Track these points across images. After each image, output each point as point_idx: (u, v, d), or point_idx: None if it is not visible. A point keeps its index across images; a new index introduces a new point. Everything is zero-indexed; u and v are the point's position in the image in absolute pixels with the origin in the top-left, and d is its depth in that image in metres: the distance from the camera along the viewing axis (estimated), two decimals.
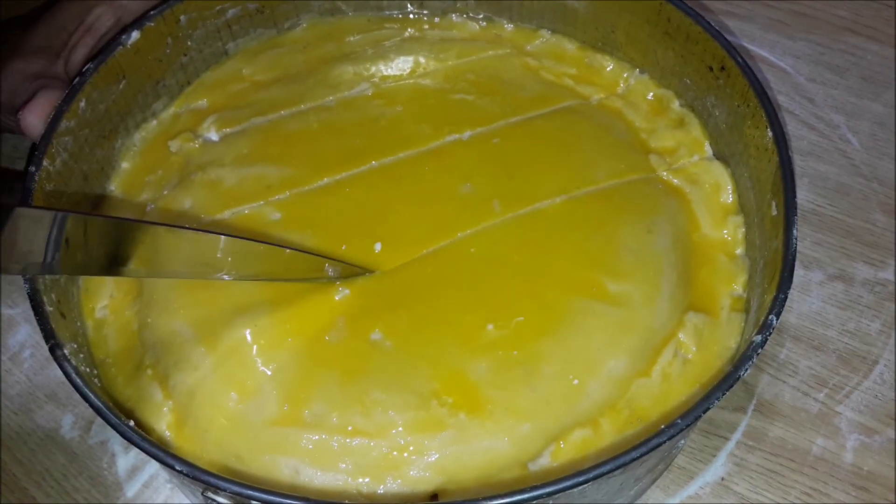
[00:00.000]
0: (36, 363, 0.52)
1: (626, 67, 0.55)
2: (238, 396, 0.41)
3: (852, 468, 0.47)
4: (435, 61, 0.56)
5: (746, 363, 0.38)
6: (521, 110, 0.52)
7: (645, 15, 0.52)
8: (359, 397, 0.41)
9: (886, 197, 0.57)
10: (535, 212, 0.47)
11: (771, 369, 0.51)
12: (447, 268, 0.45)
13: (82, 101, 0.47)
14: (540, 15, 0.57)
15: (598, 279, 0.45)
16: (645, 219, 0.47)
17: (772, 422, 0.49)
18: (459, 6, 0.58)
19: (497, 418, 0.41)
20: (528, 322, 0.43)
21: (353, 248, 0.46)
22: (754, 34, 0.66)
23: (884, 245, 0.55)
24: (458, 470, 0.40)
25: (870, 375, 0.50)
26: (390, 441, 0.40)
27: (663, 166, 0.51)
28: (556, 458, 0.41)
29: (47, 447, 0.49)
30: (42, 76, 0.47)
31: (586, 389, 0.42)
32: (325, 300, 0.44)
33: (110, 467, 0.48)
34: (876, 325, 0.52)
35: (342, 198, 0.48)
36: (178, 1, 0.51)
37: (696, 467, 0.48)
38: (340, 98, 0.53)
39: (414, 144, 0.50)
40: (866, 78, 0.63)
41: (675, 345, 0.44)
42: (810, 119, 0.62)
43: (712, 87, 0.50)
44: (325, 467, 0.40)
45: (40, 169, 0.44)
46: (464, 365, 0.42)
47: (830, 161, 0.59)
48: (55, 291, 0.43)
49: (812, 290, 0.54)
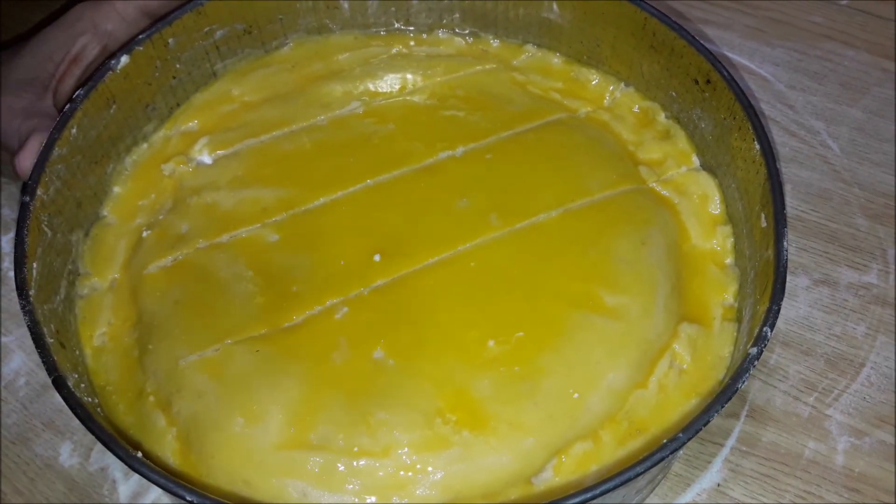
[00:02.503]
0: (32, 391, 0.52)
1: (611, 81, 0.56)
2: (244, 421, 0.41)
3: (844, 470, 0.49)
4: (423, 78, 0.56)
5: (743, 375, 0.38)
6: (511, 125, 0.53)
7: (629, 29, 0.53)
8: (364, 418, 0.41)
9: (867, 201, 0.59)
10: (533, 225, 0.48)
11: (762, 375, 0.52)
12: (447, 282, 0.46)
13: (73, 128, 0.46)
14: (525, 30, 0.58)
15: (596, 292, 0.45)
16: (639, 230, 0.48)
17: (764, 427, 0.50)
18: (445, 22, 0.58)
19: (501, 434, 0.41)
20: (529, 337, 0.44)
21: (351, 261, 0.46)
22: (734, 42, 0.68)
23: (866, 249, 0.57)
24: (464, 487, 0.41)
25: (857, 378, 0.52)
26: (396, 461, 0.41)
27: (652, 178, 0.52)
28: (559, 471, 0.42)
29: (47, 476, 0.49)
30: (31, 112, 0.47)
31: (587, 403, 0.43)
32: (326, 320, 0.44)
33: (111, 494, 0.48)
34: (861, 328, 0.54)
35: (339, 217, 0.48)
36: (167, 24, 0.51)
37: (692, 474, 0.49)
38: (332, 117, 0.53)
39: (408, 162, 0.51)
40: (844, 84, 0.65)
41: (670, 356, 0.45)
42: (791, 126, 0.63)
43: (698, 99, 0.51)
44: (332, 489, 0.40)
45: (34, 198, 0.44)
46: (467, 382, 0.42)
47: (812, 167, 0.61)
48: (54, 321, 0.43)
49: (799, 296, 0.55)
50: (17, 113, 0.47)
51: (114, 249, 0.49)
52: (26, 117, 0.47)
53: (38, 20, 0.57)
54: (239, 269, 0.47)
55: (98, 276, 0.48)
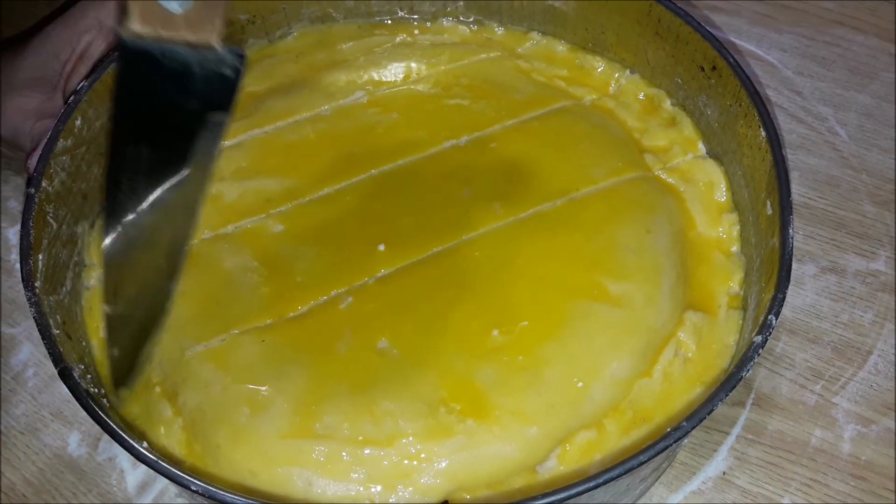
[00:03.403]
0: (40, 381, 0.52)
1: (616, 68, 0.56)
2: (250, 411, 0.41)
3: (850, 458, 0.49)
4: (427, 66, 0.56)
5: (748, 364, 0.38)
6: (515, 113, 0.53)
7: (635, 16, 0.52)
8: (368, 407, 0.41)
9: (875, 188, 0.58)
10: (537, 214, 0.48)
11: (768, 363, 0.52)
12: (451, 272, 0.46)
13: (78, 119, 0.47)
14: (530, 17, 0.57)
15: (600, 281, 0.45)
16: (644, 218, 0.48)
17: (770, 415, 0.50)
18: (449, 10, 0.58)
19: (504, 424, 0.41)
20: (533, 326, 0.44)
21: (355, 251, 0.46)
22: (741, 28, 0.67)
23: (874, 236, 0.56)
24: (468, 476, 0.41)
25: (864, 366, 0.51)
26: (400, 450, 0.41)
27: (658, 165, 0.51)
28: (563, 460, 0.42)
29: (55, 466, 0.49)
30: (43, 112, 0.47)
31: (590, 392, 0.43)
32: (331, 310, 0.45)
33: (119, 483, 0.49)
34: (869, 315, 0.53)
35: (343, 207, 0.48)
36: None
37: (697, 462, 0.49)
38: (336, 107, 0.53)
39: (412, 151, 0.50)
40: (852, 69, 0.64)
41: (675, 344, 0.45)
42: (799, 112, 0.62)
43: (704, 86, 0.51)
44: (337, 478, 0.41)
45: (40, 190, 0.44)
46: (470, 371, 0.42)
47: (820, 154, 0.60)
48: (60, 312, 0.43)
49: (806, 283, 0.55)
50: (30, 114, 0.47)
51: None
52: (38, 118, 0.47)
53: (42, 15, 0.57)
54: (244, 259, 0.47)
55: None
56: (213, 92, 0.36)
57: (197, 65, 0.35)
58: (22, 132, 0.49)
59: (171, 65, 0.34)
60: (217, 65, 0.35)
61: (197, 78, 0.35)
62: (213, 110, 0.36)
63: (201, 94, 0.36)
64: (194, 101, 0.36)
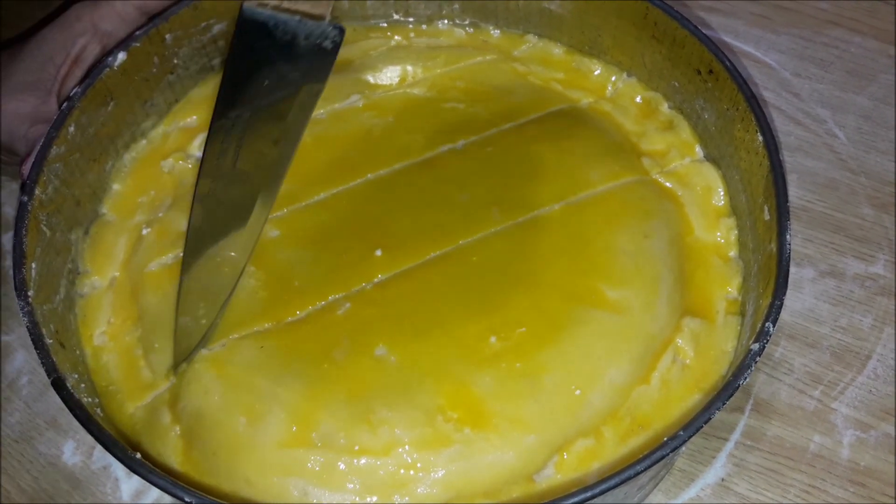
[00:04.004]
0: (34, 390, 0.52)
1: (613, 71, 0.56)
2: (246, 420, 0.41)
3: (849, 464, 0.48)
4: (423, 69, 0.55)
5: (745, 372, 0.38)
6: (512, 117, 0.52)
7: (631, 18, 0.52)
8: (365, 416, 0.41)
9: (874, 191, 0.58)
10: (534, 219, 0.47)
11: (767, 368, 0.52)
12: (449, 277, 0.46)
13: (71, 126, 0.46)
14: (526, 20, 0.57)
15: (598, 286, 0.45)
16: (642, 223, 0.48)
17: (769, 421, 0.50)
18: (445, 13, 0.58)
19: (502, 432, 0.41)
20: (530, 333, 0.43)
21: (352, 256, 0.46)
22: (738, 30, 0.67)
23: (873, 239, 0.56)
24: (465, 485, 0.41)
25: (863, 371, 0.51)
26: (397, 459, 0.40)
27: (655, 169, 0.51)
28: (560, 468, 0.41)
29: (50, 474, 0.49)
30: (38, 117, 0.47)
31: (588, 399, 0.42)
32: (329, 316, 0.44)
33: (114, 492, 0.48)
34: (868, 319, 0.53)
35: (339, 211, 0.48)
36: (163, 20, 0.50)
37: (696, 469, 0.49)
38: (331, 110, 0.53)
39: (408, 156, 0.50)
40: (850, 71, 0.64)
41: (673, 350, 0.44)
42: (797, 114, 0.62)
43: (701, 90, 0.50)
44: (333, 488, 0.40)
45: (33, 198, 0.43)
46: (468, 379, 0.42)
47: (818, 156, 0.60)
48: (53, 321, 0.43)
49: (804, 288, 0.55)
50: (25, 118, 0.47)
51: (114, 247, 0.49)
52: (33, 122, 0.47)
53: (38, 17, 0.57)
54: None
55: (98, 275, 0.48)
56: (314, 63, 0.39)
57: (303, 37, 0.38)
58: (17, 137, 0.48)
59: (282, 36, 0.38)
60: (320, 37, 0.38)
61: (301, 49, 0.38)
62: (311, 81, 0.40)
63: (303, 65, 0.39)
64: (296, 71, 0.39)
